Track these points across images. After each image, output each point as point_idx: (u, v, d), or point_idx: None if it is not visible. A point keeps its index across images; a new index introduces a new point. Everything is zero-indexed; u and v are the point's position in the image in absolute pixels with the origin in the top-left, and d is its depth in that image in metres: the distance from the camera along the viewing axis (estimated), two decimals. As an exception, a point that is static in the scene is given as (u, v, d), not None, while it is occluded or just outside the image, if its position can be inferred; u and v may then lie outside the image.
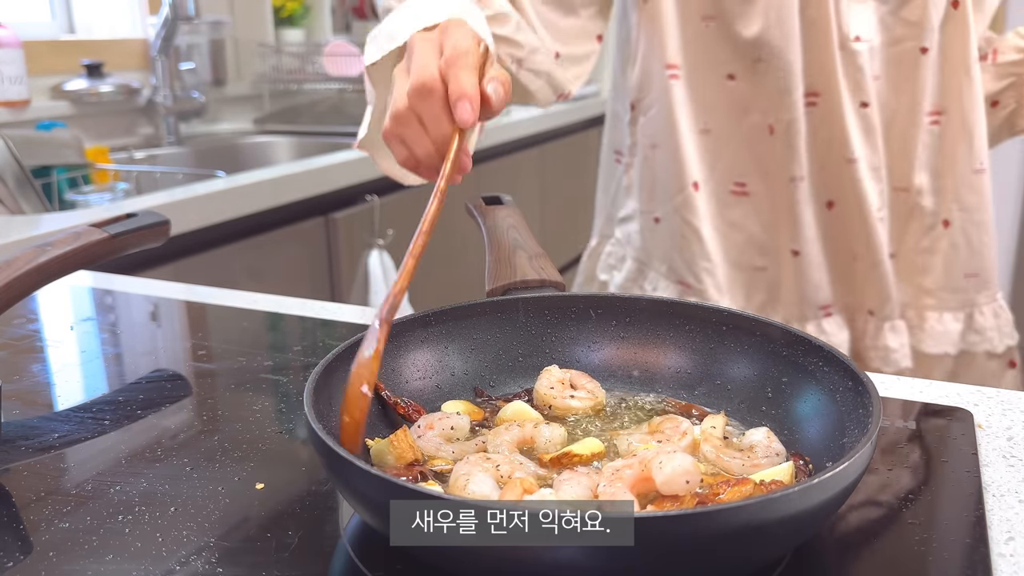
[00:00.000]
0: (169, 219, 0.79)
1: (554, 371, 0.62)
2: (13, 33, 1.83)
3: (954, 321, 1.12)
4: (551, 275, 0.68)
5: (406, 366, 0.60)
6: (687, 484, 0.45)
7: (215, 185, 1.56)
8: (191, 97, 2.20)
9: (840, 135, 1.01)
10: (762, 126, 1.02)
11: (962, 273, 1.11)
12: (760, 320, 0.60)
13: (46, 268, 0.68)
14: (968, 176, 1.08)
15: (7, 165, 1.54)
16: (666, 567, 0.39)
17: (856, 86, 1.01)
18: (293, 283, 1.71)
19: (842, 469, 0.41)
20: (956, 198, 1.08)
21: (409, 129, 0.64)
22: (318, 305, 0.91)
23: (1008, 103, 1.14)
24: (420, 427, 0.55)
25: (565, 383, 0.61)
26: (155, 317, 0.92)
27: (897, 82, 1.03)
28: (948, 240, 1.10)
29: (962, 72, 1.03)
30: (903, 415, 0.63)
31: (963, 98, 1.04)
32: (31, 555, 0.48)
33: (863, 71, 1.00)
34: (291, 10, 2.59)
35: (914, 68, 1.02)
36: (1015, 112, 1.14)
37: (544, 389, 0.60)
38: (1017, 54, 1.11)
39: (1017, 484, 0.54)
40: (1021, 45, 1.11)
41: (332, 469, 0.44)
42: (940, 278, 1.11)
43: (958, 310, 1.12)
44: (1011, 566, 0.46)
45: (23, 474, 0.57)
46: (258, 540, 0.48)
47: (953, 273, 1.11)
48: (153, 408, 0.67)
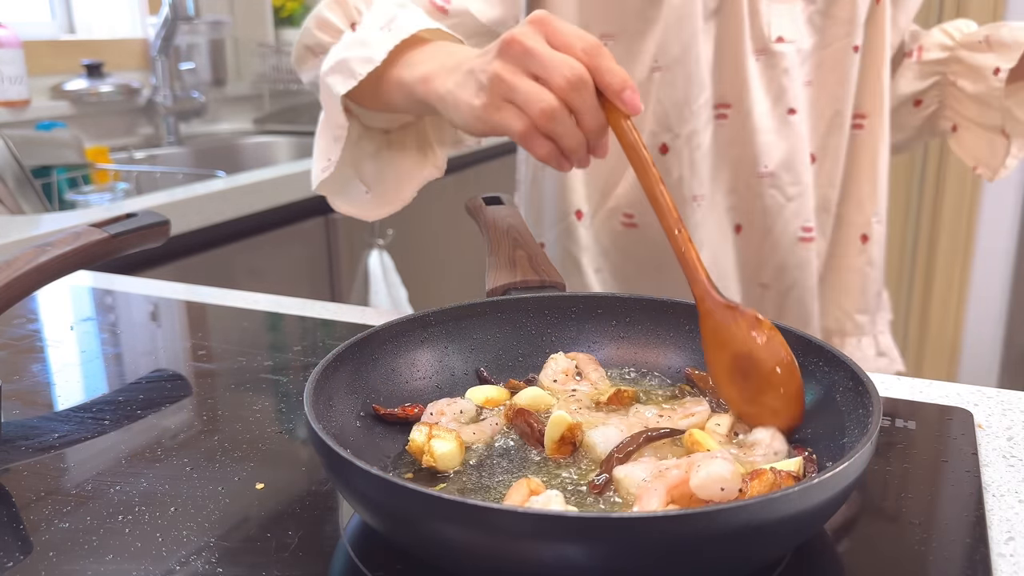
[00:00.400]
0: (169, 219, 0.79)
1: (560, 359, 0.62)
2: (13, 33, 1.83)
3: (869, 346, 1.07)
4: (551, 275, 0.68)
5: (406, 366, 0.60)
6: (721, 492, 0.44)
7: (215, 185, 1.56)
8: (191, 97, 2.20)
9: (752, 151, 0.94)
10: (653, 147, 0.94)
11: (874, 292, 1.05)
12: (760, 320, 0.60)
13: (46, 268, 0.68)
14: (884, 184, 1.02)
15: (7, 165, 1.54)
16: (666, 567, 0.39)
17: (780, 92, 0.94)
18: (293, 283, 1.71)
19: (842, 469, 0.41)
20: (875, 210, 1.02)
21: (562, 125, 0.62)
22: (318, 305, 0.91)
23: (931, 103, 1.08)
24: (432, 414, 0.56)
25: (570, 373, 0.61)
26: (155, 317, 0.92)
27: (829, 85, 0.97)
28: (866, 257, 1.03)
29: (882, 70, 0.98)
30: (903, 415, 0.63)
31: (884, 98, 0.99)
32: (31, 555, 0.48)
33: (789, 74, 0.93)
34: (291, 10, 2.59)
35: (845, 69, 0.96)
36: (937, 112, 1.09)
37: (547, 382, 0.60)
38: (942, 52, 1.04)
39: (1017, 484, 0.54)
40: (947, 43, 1.04)
41: (332, 469, 0.44)
42: (858, 300, 1.05)
43: (869, 334, 1.06)
44: (1011, 566, 0.46)
45: (23, 474, 0.57)
46: (258, 540, 0.48)
47: (868, 292, 1.05)
48: (153, 408, 0.67)
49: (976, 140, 1.07)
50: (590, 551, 0.38)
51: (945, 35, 1.05)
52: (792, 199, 0.96)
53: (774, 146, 0.95)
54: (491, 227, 0.76)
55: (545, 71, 0.61)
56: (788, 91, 0.94)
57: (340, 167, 0.82)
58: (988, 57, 0.99)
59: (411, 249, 2.00)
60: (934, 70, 1.05)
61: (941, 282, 2.52)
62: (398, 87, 0.75)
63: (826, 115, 0.98)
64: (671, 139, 0.93)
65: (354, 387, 0.56)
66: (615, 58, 0.93)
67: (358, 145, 0.85)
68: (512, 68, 0.63)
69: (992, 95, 1.00)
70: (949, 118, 1.08)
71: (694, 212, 0.95)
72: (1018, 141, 1.02)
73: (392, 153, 0.89)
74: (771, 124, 0.94)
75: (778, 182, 0.96)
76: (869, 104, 0.99)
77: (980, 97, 1.02)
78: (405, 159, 0.89)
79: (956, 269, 2.49)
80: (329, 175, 0.82)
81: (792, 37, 0.93)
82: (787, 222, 0.97)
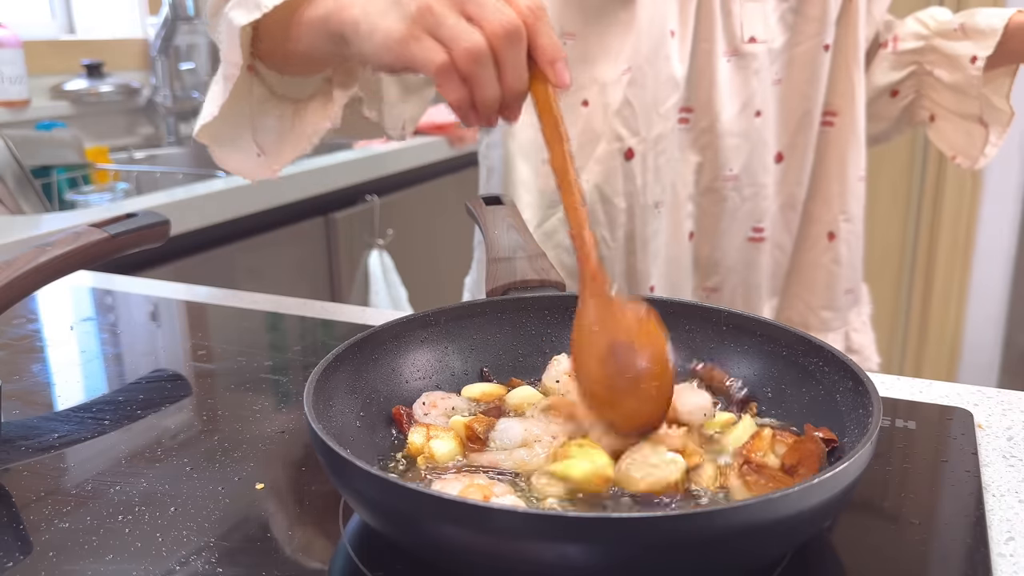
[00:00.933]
0: (169, 219, 0.79)
1: (563, 361, 0.61)
2: (13, 33, 1.83)
3: (836, 342, 1.05)
4: (551, 275, 0.68)
5: (406, 366, 0.60)
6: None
7: (215, 185, 1.56)
8: (191, 97, 2.20)
9: (717, 156, 0.93)
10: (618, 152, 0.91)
11: (843, 289, 1.04)
12: (760, 320, 0.60)
13: (46, 268, 0.68)
14: (854, 183, 1.01)
15: (7, 165, 1.54)
16: (666, 567, 0.39)
17: (750, 95, 0.93)
18: (293, 283, 1.71)
19: (842, 469, 0.41)
20: (843, 208, 1.01)
21: (485, 71, 0.57)
22: (318, 305, 0.91)
23: (908, 93, 1.07)
24: (424, 404, 0.57)
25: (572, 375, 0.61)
26: (155, 317, 0.92)
27: (798, 84, 0.96)
28: (832, 254, 1.02)
29: (854, 68, 0.97)
30: (903, 415, 0.63)
31: (856, 96, 0.98)
32: (31, 555, 0.48)
33: (759, 75, 0.92)
34: (291, 10, 2.59)
35: (816, 67, 0.95)
36: (914, 103, 1.07)
37: (551, 382, 0.60)
38: (917, 41, 1.03)
39: (1017, 484, 0.54)
40: (921, 32, 1.03)
41: (332, 469, 0.44)
42: (823, 296, 1.04)
43: (838, 330, 1.05)
44: (1011, 566, 0.46)
45: (23, 474, 0.57)
46: (258, 540, 0.49)
47: (835, 290, 1.04)
48: (153, 408, 0.67)
49: (954, 129, 1.05)
50: (590, 551, 0.38)
51: (920, 24, 1.03)
52: (747, 200, 0.96)
53: (739, 149, 0.94)
54: (491, 227, 0.76)
55: (482, 12, 0.56)
56: (757, 93, 0.93)
57: (236, 118, 0.75)
58: (964, 45, 0.98)
59: (411, 249, 2.00)
60: (910, 60, 1.04)
61: (941, 282, 2.52)
62: (308, 26, 0.67)
63: (796, 114, 0.97)
64: (637, 143, 0.91)
65: (354, 387, 0.56)
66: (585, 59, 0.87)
67: (262, 107, 0.78)
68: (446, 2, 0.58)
69: (969, 84, 0.98)
70: (926, 108, 1.07)
71: (654, 219, 0.94)
72: (996, 129, 1.00)
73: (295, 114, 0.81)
74: (738, 127, 0.94)
75: (739, 184, 0.95)
76: (840, 102, 0.98)
77: (957, 86, 1.00)
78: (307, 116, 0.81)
79: (956, 269, 2.49)
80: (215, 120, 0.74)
81: (764, 37, 0.92)
82: (740, 223, 0.97)
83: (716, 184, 0.95)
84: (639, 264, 0.95)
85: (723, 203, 0.95)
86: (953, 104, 1.03)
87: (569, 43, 0.91)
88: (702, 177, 0.95)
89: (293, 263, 1.72)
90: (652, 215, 0.93)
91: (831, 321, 1.04)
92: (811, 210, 1.02)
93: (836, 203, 1.01)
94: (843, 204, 1.01)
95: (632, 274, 0.96)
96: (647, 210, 0.93)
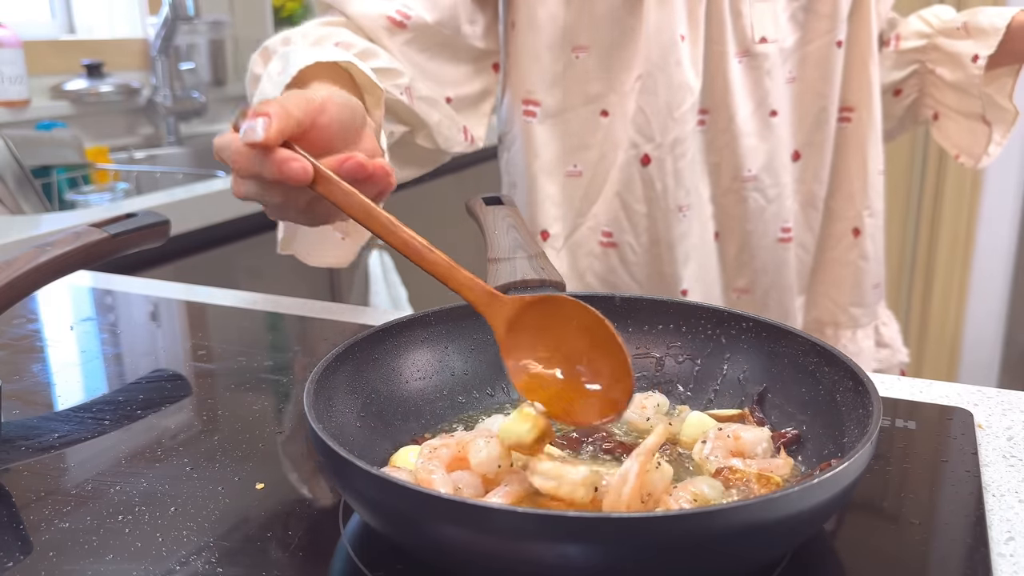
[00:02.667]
0: (169, 219, 0.79)
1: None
2: (13, 33, 1.83)
3: (865, 338, 1.05)
4: (551, 275, 0.68)
5: (406, 366, 0.60)
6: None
7: (215, 185, 1.56)
8: (191, 97, 2.20)
9: (736, 156, 0.93)
10: (635, 159, 0.92)
11: (871, 284, 1.04)
12: (760, 320, 0.60)
13: (46, 268, 0.68)
14: (875, 178, 1.01)
15: (7, 165, 1.54)
16: (666, 567, 0.39)
17: (763, 94, 0.93)
18: (293, 283, 1.71)
19: (842, 469, 0.41)
20: (866, 203, 1.01)
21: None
22: (318, 305, 0.91)
23: (911, 92, 1.07)
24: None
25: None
26: (155, 317, 0.92)
27: (812, 81, 0.96)
28: (858, 250, 1.02)
29: (869, 62, 0.97)
30: (903, 415, 0.63)
31: (872, 91, 0.97)
32: (31, 555, 0.48)
33: (772, 75, 0.92)
34: (291, 10, 2.59)
35: (829, 64, 0.95)
36: (917, 101, 1.07)
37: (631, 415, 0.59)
38: (920, 40, 1.03)
39: (1017, 484, 0.54)
40: (924, 30, 1.03)
41: (332, 469, 0.44)
42: (852, 293, 1.03)
43: (868, 325, 1.05)
44: (1011, 566, 0.46)
45: (23, 474, 0.57)
46: (258, 540, 0.49)
47: (864, 286, 1.03)
48: (153, 408, 0.67)
49: (957, 128, 1.05)
50: (590, 551, 0.38)
51: (922, 22, 1.03)
52: (772, 201, 0.96)
53: (757, 149, 0.94)
54: (491, 227, 0.76)
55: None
56: (771, 93, 0.93)
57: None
58: (966, 44, 0.98)
59: (411, 249, 2.00)
60: (912, 58, 1.04)
61: (941, 281, 2.52)
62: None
63: (811, 111, 0.97)
64: (652, 149, 0.91)
65: (354, 387, 0.56)
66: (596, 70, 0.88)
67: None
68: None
69: (971, 83, 0.98)
70: (930, 106, 1.07)
71: (679, 223, 0.93)
72: (999, 128, 1.00)
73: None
74: (753, 127, 0.93)
75: (760, 185, 0.95)
76: (856, 97, 0.98)
77: (959, 85, 1.00)
78: None
79: (956, 268, 2.49)
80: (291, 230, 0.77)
81: (775, 37, 0.92)
82: (767, 224, 0.96)
83: (735, 185, 0.95)
84: (666, 268, 0.95)
85: (743, 204, 0.95)
86: (955, 103, 1.03)
87: (582, 56, 0.91)
88: (721, 178, 0.95)
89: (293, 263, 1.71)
90: (676, 219, 0.93)
91: (860, 317, 1.04)
92: (833, 207, 1.01)
93: (859, 199, 1.01)
94: (866, 199, 1.01)
95: (661, 279, 0.96)
96: (670, 214, 0.93)
